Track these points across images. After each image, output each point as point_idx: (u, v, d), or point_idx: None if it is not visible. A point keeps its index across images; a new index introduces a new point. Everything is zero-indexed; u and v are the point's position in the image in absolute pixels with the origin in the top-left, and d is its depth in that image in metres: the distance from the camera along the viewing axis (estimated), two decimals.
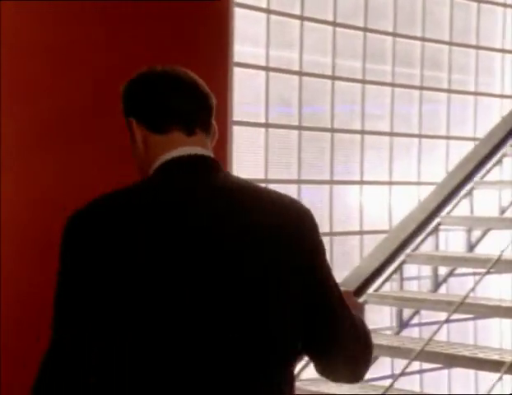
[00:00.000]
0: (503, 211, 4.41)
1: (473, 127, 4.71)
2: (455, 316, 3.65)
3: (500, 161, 4.41)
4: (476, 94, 4.75)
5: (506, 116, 3.05)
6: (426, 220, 2.69)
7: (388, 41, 4.41)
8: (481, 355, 3.51)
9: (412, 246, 3.86)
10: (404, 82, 4.46)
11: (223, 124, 3.68)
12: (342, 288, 1.52)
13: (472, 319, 4.56)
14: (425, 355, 3.32)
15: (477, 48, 4.75)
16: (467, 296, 3.54)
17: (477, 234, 4.27)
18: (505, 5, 4.82)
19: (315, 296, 1.47)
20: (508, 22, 4.84)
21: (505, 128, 2.90)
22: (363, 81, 4.30)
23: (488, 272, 4.13)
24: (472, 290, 3.67)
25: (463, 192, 4.01)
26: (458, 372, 4.39)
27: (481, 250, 4.24)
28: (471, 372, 4.41)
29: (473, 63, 4.74)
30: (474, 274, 4.49)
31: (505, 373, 3.53)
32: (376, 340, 3.64)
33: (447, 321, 3.30)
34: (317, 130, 4.11)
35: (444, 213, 4.04)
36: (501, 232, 4.33)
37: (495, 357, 3.47)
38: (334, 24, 4.18)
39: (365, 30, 4.31)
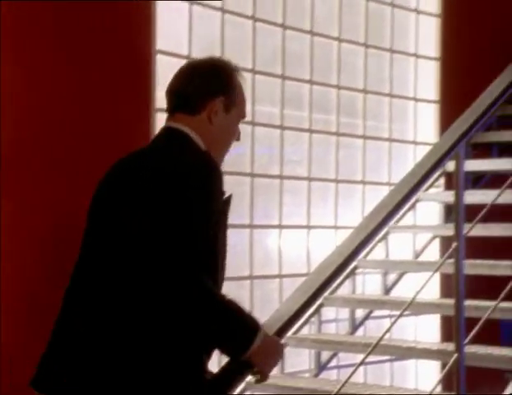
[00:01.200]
0: (417, 255, 4.54)
1: (388, 172, 4.85)
2: (372, 358, 3.71)
3: (413, 206, 4.55)
4: (390, 140, 4.90)
5: (419, 162, 3.16)
6: (344, 264, 2.74)
7: (305, 88, 4.52)
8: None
9: (330, 289, 3.93)
10: (321, 128, 4.57)
11: None
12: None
13: (389, 361, 4.65)
14: None
15: (391, 96, 4.91)
16: (382, 338, 3.61)
17: (392, 277, 4.37)
18: (416, 55, 5.01)
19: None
20: (419, 71, 5.02)
21: (418, 174, 3.01)
22: (281, 127, 4.39)
23: (403, 314, 4.23)
24: (388, 331, 3.74)
25: (378, 236, 4.11)
26: None
27: (397, 293, 4.34)
28: None
29: (387, 110, 4.90)
30: (390, 316, 4.58)
31: None
32: (295, 383, 3.69)
33: (364, 363, 3.35)
34: (237, 174, 4.16)
35: (360, 257, 4.13)
36: (416, 275, 4.45)
37: None
38: (253, 71, 4.26)
39: (283, 77, 4.41)
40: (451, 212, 4.75)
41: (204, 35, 4.07)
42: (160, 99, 3.75)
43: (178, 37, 3.96)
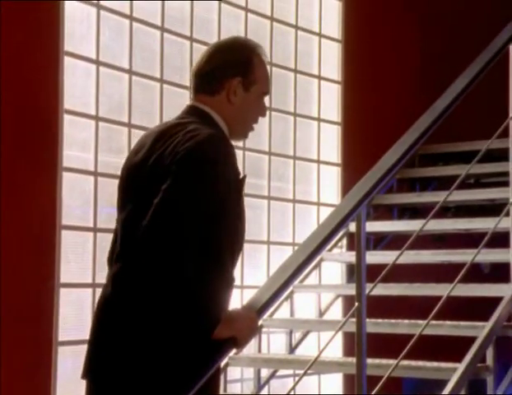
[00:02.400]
0: (322, 314, 4.61)
1: (292, 233, 4.94)
2: None
3: (318, 265, 4.65)
4: (294, 201, 5.00)
5: (323, 223, 3.23)
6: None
7: None
8: None
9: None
10: None
11: (52, 228, 3.68)
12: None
13: None
14: None
15: (295, 158, 5.02)
16: None
17: (297, 335, 4.43)
18: (319, 119, 5.15)
19: None
20: (322, 135, 5.16)
21: (322, 234, 3.07)
22: None
23: (307, 373, 4.27)
24: (292, 390, 3.77)
25: (284, 295, 4.17)
26: None
27: (302, 351, 4.39)
28: None
29: (291, 172, 5.01)
30: (295, 375, 4.63)
31: None
32: None
33: None
34: None
35: (265, 316, 4.17)
36: (320, 334, 4.52)
37: None
38: None
39: None
40: (354, 272, 4.87)
41: (112, 95, 4.10)
42: (67, 157, 3.77)
43: (86, 97, 3.98)
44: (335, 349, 4.68)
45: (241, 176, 2.26)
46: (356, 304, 3.11)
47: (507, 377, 3.81)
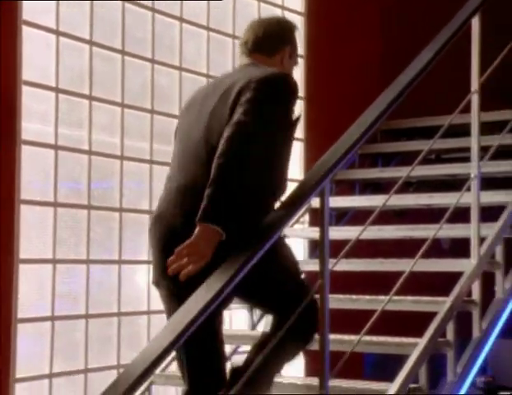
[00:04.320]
0: None
1: None
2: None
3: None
4: None
5: (286, 199, 3.20)
6: (213, 300, 2.74)
7: (174, 123, 4.52)
8: None
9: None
10: None
11: (10, 203, 3.61)
12: None
13: None
14: None
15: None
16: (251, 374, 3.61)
17: (258, 312, 4.40)
18: None
19: None
20: None
21: (286, 210, 3.04)
22: (151, 162, 4.38)
23: None
24: (251, 369, 3.75)
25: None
26: None
27: (264, 327, 4.36)
28: None
29: None
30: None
31: None
32: None
33: None
34: (106, 209, 4.11)
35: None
36: None
37: None
38: (122, 105, 4.23)
39: (152, 111, 4.40)
40: (316, 248, 4.86)
41: (72, 67, 4.02)
42: (26, 130, 3.70)
43: (45, 68, 3.90)
44: None
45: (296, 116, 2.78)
46: (320, 280, 3.10)
47: (467, 351, 3.84)
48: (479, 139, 4.03)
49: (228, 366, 2.93)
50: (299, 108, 5.01)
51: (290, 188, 3.06)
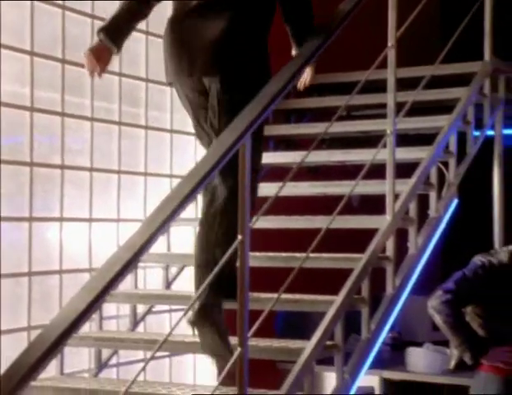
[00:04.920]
0: None
1: (170, 164, 4.82)
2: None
3: (195, 199, 4.54)
4: (172, 131, 4.86)
5: (207, 153, 3.12)
6: (133, 260, 2.66)
7: (86, 74, 4.36)
8: (178, 393, 3.53)
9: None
10: (103, 117, 4.44)
11: None
12: None
13: (168, 356, 4.61)
14: None
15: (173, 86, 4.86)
16: (169, 335, 3.56)
17: (174, 270, 4.34)
18: None
19: None
20: None
21: (206, 165, 2.97)
22: (62, 114, 4.21)
23: (183, 309, 4.19)
24: (175, 328, 3.70)
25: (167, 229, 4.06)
26: None
27: (178, 287, 4.31)
28: None
29: (169, 101, 4.86)
30: (171, 311, 4.56)
31: None
32: (75, 384, 3.54)
33: (145, 360, 3.27)
34: (15, 164, 3.93)
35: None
36: None
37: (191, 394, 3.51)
38: (32, 53, 4.04)
39: (64, 61, 4.23)
40: None
41: None
42: (5, 93, 3.48)
43: None
44: None
45: None
46: (240, 236, 3.05)
47: (380, 308, 3.88)
48: (395, 95, 4.04)
49: None
50: None
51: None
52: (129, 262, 2.68)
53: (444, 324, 3.85)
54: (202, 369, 4.78)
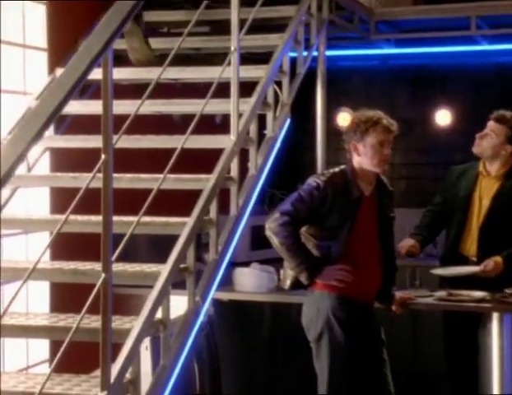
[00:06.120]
0: (30, 169, 4.24)
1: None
2: None
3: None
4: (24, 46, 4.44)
5: (65, 70, 2.88)
6: None
7: None
8: (12, 322, 3.31)
9: None
10: None
11: None
12: None
13: None
14: None
15: None
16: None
17: (6, 192, 4.02)
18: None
19: None
20: None
21: (68, 82, 2.74)
22: None
23: (14, 234, 3.93)
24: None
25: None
26: None
27: (10, 210, 4.01)
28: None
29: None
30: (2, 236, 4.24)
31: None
32: None
33: None
34: None
35: None
36: (29, 190, 4.17)
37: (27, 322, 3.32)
38: None
39: None
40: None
41: None
42: None
43: None
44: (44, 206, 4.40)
45: None
46: (103, 156, 2.86)
47: (226, 229, 3.85)
48: (239, 11, 3.96)
49: None
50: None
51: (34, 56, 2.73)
52: None
53: (281, 246, 3.87)
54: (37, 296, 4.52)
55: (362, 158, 3.93)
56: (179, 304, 3.50)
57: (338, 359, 3.86)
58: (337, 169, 4.01)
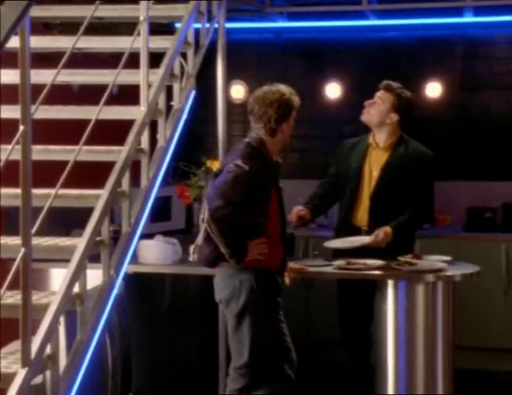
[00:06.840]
0: None
1: None
2: None
3: None
4: None
5: None
6: None
7: None
8: None
9: None
10: None
11: None
12: None
13: None
14: None
15: None
16: None
17: None
18: None
19: None
20: None
21: None
22: None
23: None
24: None
25: None
26: None
27: None
28: None
29: None
30: None
31: None
32: None
33: None
34: None
35: None
36: None
37: None
38: None
39: None
40: None
41: None
42: None
43: None
44: None
45: None
46: (22, 127, 2.78)
47: (137, 202, 3.82)
48: None
49: None
50: None
51: None
52: None
53: (216, 231, 3.91)
54: None
55: (283, 136, 4.02)
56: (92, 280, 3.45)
57: (262, 330, 3.92)
58: (247, 148, 4.05)
